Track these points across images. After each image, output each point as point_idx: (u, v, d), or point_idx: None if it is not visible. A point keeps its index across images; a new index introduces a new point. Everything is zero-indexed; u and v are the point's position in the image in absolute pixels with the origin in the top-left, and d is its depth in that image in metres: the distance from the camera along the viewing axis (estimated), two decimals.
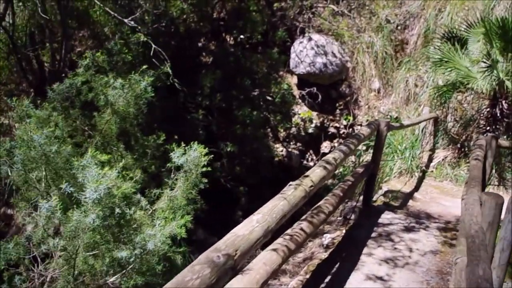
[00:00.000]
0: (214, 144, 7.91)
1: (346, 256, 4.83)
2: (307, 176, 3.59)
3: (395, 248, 4.99)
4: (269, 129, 9.72)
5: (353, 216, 5.84)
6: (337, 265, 4.62)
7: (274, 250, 3.37)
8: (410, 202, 6.97)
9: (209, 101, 7.93)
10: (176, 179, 4.05)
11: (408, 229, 5.53)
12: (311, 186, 3.48)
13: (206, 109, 8.12)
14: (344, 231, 5.52)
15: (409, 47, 9.87)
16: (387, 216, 5.92)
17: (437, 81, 9.09)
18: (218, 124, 7.98)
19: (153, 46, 6.55)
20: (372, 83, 9.77)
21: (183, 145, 4.00)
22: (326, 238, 6.02)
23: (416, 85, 9.52)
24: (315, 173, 3.69)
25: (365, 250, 4.90)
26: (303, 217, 4.03)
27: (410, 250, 4.98)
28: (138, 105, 5.11)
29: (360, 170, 5.67)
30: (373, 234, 5.31)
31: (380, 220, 5.76)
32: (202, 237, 7.70)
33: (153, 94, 5.20)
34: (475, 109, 8.99)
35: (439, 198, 7.28)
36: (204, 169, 3.86)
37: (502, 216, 3.53)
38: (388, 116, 9.24)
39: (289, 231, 3.76)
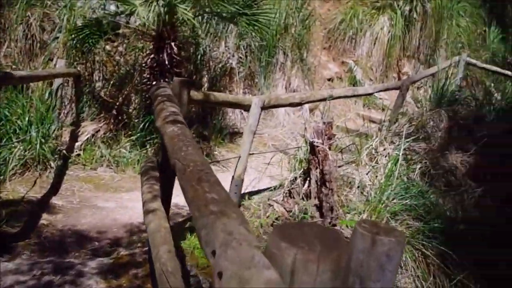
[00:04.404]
0: None
1: None
2: None
3: None
4: None
5: None
6: None
7: None
8: (45, 218, 3.84)
9: None
10: None
11: None
12: None
13: None
14: None
15: None
16: None
17: (75, 22, 6.12)
18: None
19: None
20: None
21: None
22: None
23: (43, 29, 6.27)
24: None
25: None
26: None
27: None
28: None
29: None
30: None
31: None
32: None
33: None
34: (130, 62, 6.53)
35: (94, 197, 4.43)
36: None
37: None
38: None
39: None
